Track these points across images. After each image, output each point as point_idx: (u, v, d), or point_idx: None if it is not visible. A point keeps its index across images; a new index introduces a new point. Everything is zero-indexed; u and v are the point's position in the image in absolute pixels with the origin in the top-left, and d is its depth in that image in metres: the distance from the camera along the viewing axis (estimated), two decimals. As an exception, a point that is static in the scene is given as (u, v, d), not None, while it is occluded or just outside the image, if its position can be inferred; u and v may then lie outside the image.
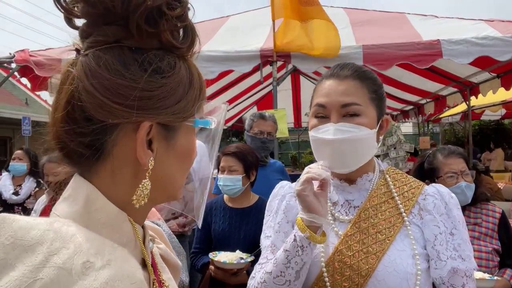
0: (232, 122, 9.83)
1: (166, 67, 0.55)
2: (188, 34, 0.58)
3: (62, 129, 0.53)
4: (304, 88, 7.49)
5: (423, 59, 3.39)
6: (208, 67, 3.53)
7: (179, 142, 0.58)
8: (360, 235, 1.00)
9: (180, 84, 0.56)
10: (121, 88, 0.51)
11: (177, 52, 0.57)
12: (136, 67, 0.52)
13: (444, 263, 0.96)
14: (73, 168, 0.56)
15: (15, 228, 0.45)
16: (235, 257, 1.89)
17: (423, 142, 6.73)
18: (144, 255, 0.58)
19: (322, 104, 1.03)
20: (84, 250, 0.46)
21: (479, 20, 3.98)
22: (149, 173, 0.54)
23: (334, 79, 1.04)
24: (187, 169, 0.62)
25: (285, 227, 1.09)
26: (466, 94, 5.87)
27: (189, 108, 0.57)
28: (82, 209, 0.52)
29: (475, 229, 1.91)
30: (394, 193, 1.05)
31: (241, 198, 2.20)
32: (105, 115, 0.51)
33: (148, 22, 0.52)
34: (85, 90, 0.51)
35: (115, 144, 0.53)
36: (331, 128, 0.99)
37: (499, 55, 3.33)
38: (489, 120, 12.74)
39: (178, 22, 0.55)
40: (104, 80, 0.51)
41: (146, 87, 0.52)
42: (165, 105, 0.54)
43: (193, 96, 0.58)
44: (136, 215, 0.58)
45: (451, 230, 1.00)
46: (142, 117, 0.52)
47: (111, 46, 0.53)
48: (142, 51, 0.54)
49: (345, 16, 4.73)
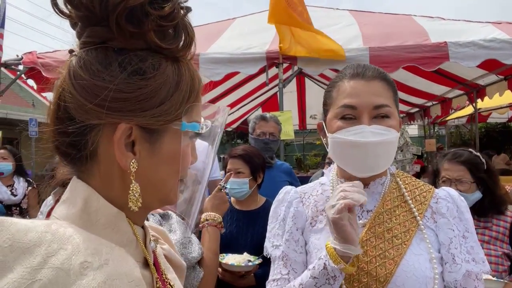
0: (237, 124, 9.83)
1: (148, 68, 0.53)
2: (179, 34, 0.56)
3: (52, 128, 0.54)
4: (309, 90, 7.48)
5: (429, 62, 3.38)
6: (214, 69, 3.54)
7: (165, 145, 0.56)
8: (376, 240, 0.98)
9: (163, 86, 0.54)
10: (97, 89, 0.51)
11: (165, 53, 0.55)
12: (115, 68, 0.52)
13: (459, 267, 0.95)
14: (69, 168, 0.57)
15: (13, 231, 0.45)
16: (243, 260, 1.88)
17: (429, 145, 6.70)
18: (146, 255, 0.58)
19: (351, 105, 0.98)
20: (82, 250, 0.46)
21: (487, 23, 3.95)
22: (133, 175, 0.54)
23: (360, 79, 1.00)
24: (176, 172, 0.60)
25: (296, 235, 1.07)
26: (473, 97, 5.83)
27: (173, 111, 0.55)
28: (81, 210, 0.52)
29: (485, 233, 1.87)
30: (407, 197, 1.04)
31: (248, 201, 2.20)
32: (84, 116, 0.52)
33: (131, 21, 0.51)
34: (68, 91, 0.52)
35: (97, 145, 0.54)
36: (366, 130, 0.95)
37: (506, 58, 3.31)
38: (495, 123, 12.64)
39: (164, 22, 0.53)
40: (83, 81, 0.51)
41: (123, 88, 0.51)
42: (144, 107, 0.53)
43: (179, 99, 0.56)
44: (134, 217, 0.58)
45: (464, 233, 1.00)
46: (118, 118, 0.52)
47: (96, 47, 0.53)
48: (125, 51, 0.53)
49: (352, 18, 4.73)
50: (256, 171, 2.18)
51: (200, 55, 3.56)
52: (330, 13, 5.39)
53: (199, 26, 5.37)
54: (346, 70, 1.06)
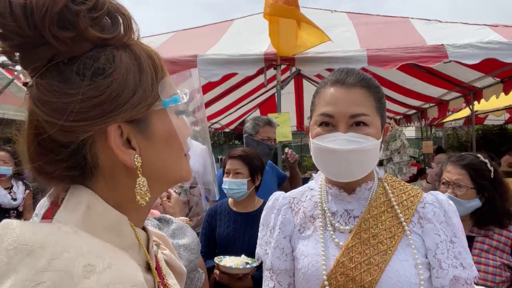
0: (235, 125, 9.83)
1: (105, 65, 0.52)
2: (115, 19, 0.54)
3: (42, 162, 0.53)
4: (307, 92, 7.50)
5: (429, 60, 3.36)
6: (212, 70, 3.54)
7: (157, 129, 0.57)
8: (361, 246, 0.98)
9: (127, 75, 0.53)
10: (69, 106, 0.50)
11: (112, 43, 0.54)
12: (75, 79, 0.50)
13: (446, 272, 0.95)
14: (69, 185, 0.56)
15: (18, 233, 0.46)
16: (240, 262, 1.88)
17: (426, 147, 6.70)
18: (148, 259, 0.58)
19: (329, 114, 1.00)
20: (85, 253, 0.46)
21: (483, 25, 3.97)
22: (139, 170, 0.54)
23: (340, 86, 1.01)
24: (179, 150, 0.60)
25: (281, 243, 1.09)
26: (470, 99, 5.85)
27: (149, 94, 0.55)
28: (83, 215, 0.52)
29: (485, 241, 1.77)
30: (394, 202, 1.04)
31: (246, 202, 2.20)
32: (71, 136, 0.51)
33: (65, 27, 0.49)
34: (43, 120, 0.51)
35: (96, 156, 0.53)
36: (340, 138, 0.97)
37: (504, 59, 3.32)
38: (492, 125, 12.70)
39: (95, 13, 0.51)
40: (52, 104, 0.50)
41: (93, 94, 0.50)
42: (121, 102, 0.52)
43: (148, 81, 0.55)
44: (137, 216, 0.58)
45: (451, 238, 0.99)
46: (104, 123, 0.51)
47: (47, 68, 0.51)
48: (76, 59, 0.51)
49: (349, 21, 4.74)
50: (255, 173, 2.19)
51: (198, 56, 3.56)
52: (328, 15, 5.40)
53: (198, 28, 5.37)
54: (330, 75, 1.07)
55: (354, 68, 1.08)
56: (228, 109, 7.58)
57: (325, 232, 1.04)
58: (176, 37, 4.79)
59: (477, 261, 1.72)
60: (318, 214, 1.08)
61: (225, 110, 7.57)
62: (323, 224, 1.06)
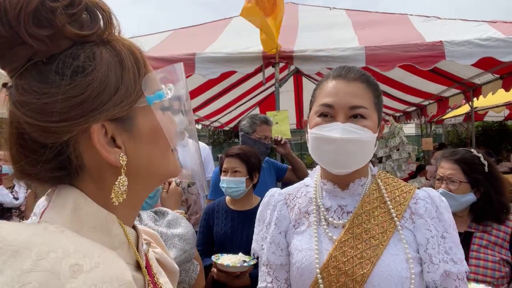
0: (234, 123, 9.83)
1: (85, 63, 0.50)
2: (94, 14, 0.52)
3: (25, 163, 0.52)
4: (307, 90, 7.49)
5: (425, 61, 3.37)
6: (210, 68, 3.54)
7: (141, 126, 0.56)
8: (354, 240, 1.00)
9: (108, 72, 0.51)
10: (50, 106, 0.48)
11: (91, 40, 0.52)
12: (54, 78, 0.49)
13: (436, 267, 0.97)
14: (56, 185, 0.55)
15: (3, 233, 0.45)
16: (238, 260, 1.88)
17: (426, 143, 6.70)
18: (137, 257, 0.58)
19: (329, 104, 1.02)
20: (72, 253, 0.46)
21: (482, 22, 3.96)
22: (124, 169, 0.53)
23: (341, 80, 1.04)
24: (166, 146, 0.59)
25: (277, 238, 1.12)
26: (469, 95, 5.85)
27: (132, 91, 0.53)
28: (71, 214, 0.51)
29: (484, 237, 1.76)
30: (386, 198, 1.06)
31: (243, 201, 2.20)
32: (52, 137, 0.50)
33: (41, 25, 0.48)
34: (24, 121, 0.49)
35: (81, 156, 0.53)
36: (338, 127, 0.99)
37: (501, 56, 3.31)
38: (492, 121, 12.68)
39: (72, 9, 0.49)
40: (32, 105, 0.49)
41: (73, 93, 0.49)
42: (103, 101, 0.51)
43: (131, 77, 0.54)
44: (125, 215, 0.58)
45: (442, 233, 1.01)
46: (86, 123, 0.50)
47: (26, 68, 0.50)
48: (55, 57, 0.50)
49: (347, 18, 4.73)
50: (253, 171, 2.19)
51: (196, 54, 3.55)
52: (326, 12, 5.40)
53: (196, 26, 5.36)
54: (331, 71, 1.10)
55: (355, 66, 1.11)
56: (228, 107, 7.59)
57: (319, 227, 1.06)
58: (175, 35, 4.79)
59: (476, 257, 1.73)
60: (312, 209, 1.10)
61: (224, 109, 7.58)
62: (317, 219, 1.08)
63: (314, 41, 3.81)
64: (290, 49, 3.58)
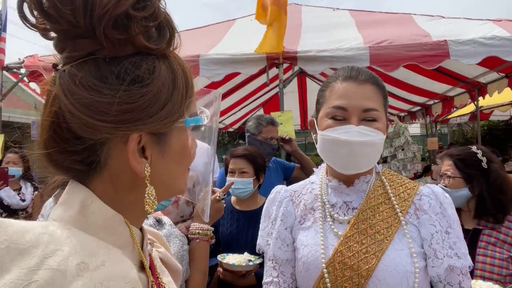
0: (238, 124, 9.83)
1: (145, 74, 0.52)
2: (164, 31, 0.55)
3: (53, 149, 0.53)
4: (311, 90, 7.48)
5: (430, 60, 3.36)
6: (215, 70, 3.56)
7: (173, 144, 0.58)
8: (359, 236, 1.02)
9: (162, 88, 0.54)
10: (101, 105, 0.50)
11: (154, 53, 0.54)
12: (113, 80, 0.51)
13: (441, 261, 0.98)
14: (70, 178, 0.56)
15: (10, 232, 0.45)
16: (243, 259, 1.89)
17: (431, 143, 6.67)
18: (142, 257, 0.58)
19: (342, 106, 1.03)
20: (79, 251, 0.46)
21: (487, 20, 3.94)
22: (147, 179, 0.54)
23: (352, 81, 1.05)
24: (187, 165, 0.62)
25: (283, 234, 1.14)
26: (474, 95, 5.81)
27: (176, 110, 0.55)
28: (78, 212, 0.52)
29: (492, 234, 1.75)
30: (391, 194, 1.08)
31: (249, 201, 2.20)
32: (92, 133, 0.51)
33: (117, 28, 0.50)
34: (67, 110, 0.50)
35: (108, 157, 0.54)
36: (353, 130, 1.01)
37: (507, 55, 3.29)
38: (498, 121, 12.59)
39: (149, 22, 0.52)
40: (83, 99, 0.50)
41: (127, 100, 0.51)
42: (150, 114, 0.52)
43: (179, 97, 0.56)
44: (134, 217, 0.58)
45: (447, 228, 1.02)
46: (129, 130, 0.52)
47: (85, 60, 0.51)
48: (117, 60, 0.52)
49: (351, 18, 4.72)
50: (259, 171, 2.19)
51: (200, 56, 3.57)
52: (330, 13, 5.39)
53: (200, 28, 5.39)
54: (340, 71, 1.10)
55: (362, 67, 1.12)
56: (232, 108, 7.59)
57: (324, 223, 1.08)
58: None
59: (483, 253, 1.73)
60: (318, 206, 1.12)
61: (228, 110, 7.59)
62: (322, 215, 1.10)
63: (317, 41, 3.81)
64: (294, 50, 3.58)
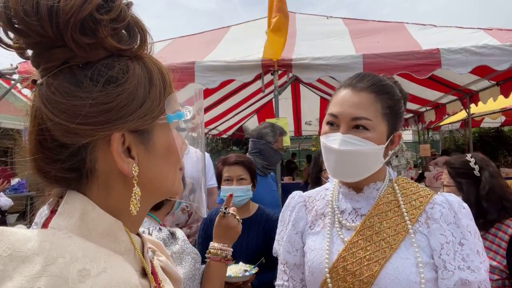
0: (232, 131, 9.84)
1: (119, 74, 0.53)
2: (134, 32, 0.56)
3: (40, 159, 0.54)
4: (304, 97, 7.52)
5: (422, 69, 3.41)
6: (209, 77, 3.56)
7: (158, 141, 0.58)
8: (364, 242, 1.01)
9: (138, 86, 0.55)
10: (78, 109, 0.51)
11: (127, 54, 0.56)
12: (87, 83, 0.52)
13: (451, 274, 0.94)
14: (64, 189, 0.56)
15: (13, 240, 0.46)
16: (239, 270, 1.87)
17: (424, 150, 6.74)
18: (143, 264, 0.58)
19: (334, 114, 1.06)
20: (80, 258, 0.47)
21: (478, 29, 4.01)
22: (135, 179, 0.55)
23: (350, 89, 1.06)
24: (175, 163, 0.62)
25: (293, 238, 1.15)
26: (466, 102, 5.89)
27: (155, 107, 0.56)
28: (78, 221, 0.52)
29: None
30: (401, 202, 1.05)
31: (242, 209, 2.16)
32: (74, 138, 0.52)
33: (85, 33, 0.51)
34: (48, 119, 0.51)
35: (95, 161, 0.54)
36: (338, 138, 1.02)
37: (497, 64, 3.34)
38: (488, 128, 12.76)
39: (116, 24, 0.53)
40: (60, 105, 0.51)
41: (103, 100, 0.52)
42: (128, 112, 0.53)
43: (157, 94, 0.57)
44: (131, 223, 0.58)
45: (460, 240, 0.97)
46: (109, 130, 0.52)
47: (61, 69, 0.52)
48: (91, 64, 0.53)
49: (344, 27, 4.77)
50: (254, 178, 2.18)
51: (196, 63, 3.57)
52: (323, 21, 5.44)
53: (195, 35, 5.40)
54: (347, 78, 1.12)
55: (373, 73, 1.10)
56: (225, 115, 7.60)
57: (332, 228, 1.09)
58: (174, 44, 4.81)
59: None
60: (328, 211, 1.13)
61: (222, 116, 7.59)
62: (331, 221, 1.10)
63: (312, 49, 3.84)
64: (289, 57, 3.61)
